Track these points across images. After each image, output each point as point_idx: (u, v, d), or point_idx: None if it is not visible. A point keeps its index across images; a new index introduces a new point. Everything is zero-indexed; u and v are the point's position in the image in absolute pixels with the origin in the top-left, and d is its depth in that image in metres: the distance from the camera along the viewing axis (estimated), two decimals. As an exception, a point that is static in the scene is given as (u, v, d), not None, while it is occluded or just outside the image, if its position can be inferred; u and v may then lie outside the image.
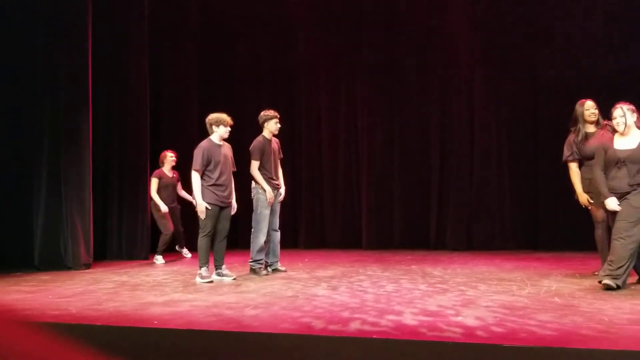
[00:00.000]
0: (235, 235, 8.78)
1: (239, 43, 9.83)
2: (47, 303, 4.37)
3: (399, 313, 3.75)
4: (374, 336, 3.11)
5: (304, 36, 9.59)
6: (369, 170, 9.21)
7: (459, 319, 3.55)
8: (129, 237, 7.91)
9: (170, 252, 8.02)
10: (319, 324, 3.42)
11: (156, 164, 7.97)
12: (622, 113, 4.75)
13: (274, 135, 6.28)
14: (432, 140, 9.00)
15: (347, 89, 9.49)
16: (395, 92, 9.24)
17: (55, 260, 6.70)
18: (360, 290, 4.79)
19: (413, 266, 6.54)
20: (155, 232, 7.97)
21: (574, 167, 5.47)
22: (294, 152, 9.71)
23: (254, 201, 6.10)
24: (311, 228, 9.53)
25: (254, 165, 6.05)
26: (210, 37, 9.64)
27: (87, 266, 6.76)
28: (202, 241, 5.58)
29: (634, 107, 4.82)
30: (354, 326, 3.37)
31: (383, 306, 4.03)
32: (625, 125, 4.73)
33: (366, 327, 3.34)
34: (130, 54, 7.92)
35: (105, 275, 6.14)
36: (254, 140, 6.19)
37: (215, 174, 5.62)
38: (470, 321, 3.47)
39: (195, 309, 3.98)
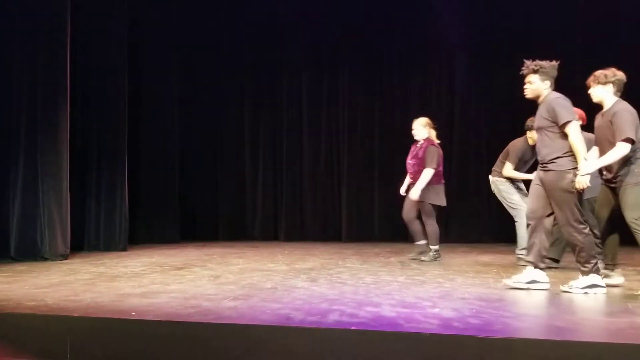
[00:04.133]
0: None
1: (221, 36, 9.78)
2: (23, 294, 4.31)
3: (377, 305, 3.78)
4: (352, 327, 3.13)
5: (286, 30, 9.57)
6: (350, 163, 9.25)
7: (436, 310, 3.59)
8: (107, 228, 7.84)
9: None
10: (297, 316, 3.43)
11: (135, 153, 7.92)
12: None
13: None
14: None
15: (329, 83, 9.50)
16: (377, 86, 9.28)
17: (32, 251, 6.60)
18: (339, 282, 4.82)
19: (392, 258, 6.59)
20: (134, 222, 7.93)
21: None
22: (275, 145, 9.71)
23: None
24: (291, 220, 9.54)
25: None
26: (192, 32, 9.56)
27: (64, 257, 6.68)
28: None
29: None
30: (333, 317, 3.39)
31: (362, 298, 4.06)
32: None
33: (345, 319, 3.36)
34: (110, 47, 7.85)
35: (83, 266, 6.07)
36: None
37: None
38: (447, 313, 3.51)
39: (173, 301, 3.96)
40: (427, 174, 6.17)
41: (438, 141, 6.45)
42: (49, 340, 3.40)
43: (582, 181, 4.01)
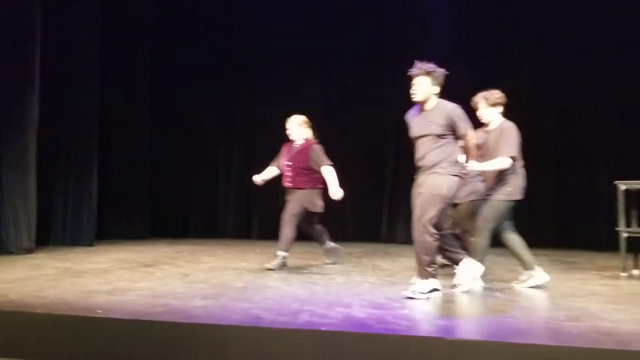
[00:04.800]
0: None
1: (194, 33, 9.70)
2: (-14, 289, 4.21)
3: (348, 305, 3.79)
4: (323, 328, 3.13)
5: (260, 28, 9.55)
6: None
7: (406, 311, 3.62)
8: (74, 222, 7.71)
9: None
10: (268, 316, 3.42)
11: (106, 149, 7.82)
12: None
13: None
14: (387, 135, 9.11)
15: (301, 81, 9.48)
16: (351, 85, 9.30)
17: (-4, 244, 6.47)
18: (311, 282, 4.82)
19: (363, 259, 6.62)
20: (102, 217, 7.82)
21: None
22: (248, 143, 9.67)
23: None
24: (264, 219, 9.51)
25: None
26: (165, 29, 9.46)
27: (29, 251, 6.57)
28: None
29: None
30: (303, 318, 3.38)
31: (332, 298, 4.07)
32: None
33: (315, 319, 3.36)
34: (79, 42, 7.72)
35: (48, 261, 5.96)
36: None
37: None
38: (417, 314, 3.54)
39: (141, 299, 3.91)
40: (330, 170, 5.68)
41: (316, 140, 5.94)
42: (13, 338, 3.33)
43: (471, 166, 4.26)
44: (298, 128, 5.89)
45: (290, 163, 5.80)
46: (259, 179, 6.01)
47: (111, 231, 8.66)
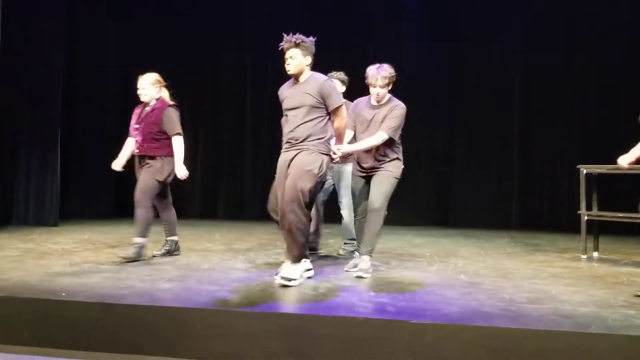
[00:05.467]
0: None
1: (163, 15, 9.50)
2: (-56, 271, 4.11)
3: (315, 288, 3.81)
4: (288, 311, 3.15)
5: (229, 14, 9.42)
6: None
7: (371, 294, 3.66)
8: (37, 201, 7.56)
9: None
10: (235, 299, 3.42)
11: (70, 127, 7.65)
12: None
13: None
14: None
15: (273, 66, 9.38)
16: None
17: (-46, 224, 6.32)
18: (278, 264, 4.82)
19: (330, 240, 6.65)
20: (66, 196, 7.66)
21: None
22: (216, 123, 9.58)
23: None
24: (231, 199, 9.47)
25: None
26: (132, 8, 9.24)
27: (-10, 231, 6.41)
28: None
29: None
30: (269, 301, 3.39)
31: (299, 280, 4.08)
32: None
33: (281, 302, 3.37)
34: (44, 17, 7.50)
35: (10, 242, 5.84)
36: None
37: None
38: (380, 297, 3.59)
39: (106, 281, 3.87)
40: (180, 141, 4.95)
41: (173, 102, 5.14)
42: (-28, 321, 3.26)
43: (344, 149, 4.18)
44: (150, 87, 5.06)
45: (138, 126, 5.00)
46: (117, 165, 5.20)
47: (74, 210, 8.52)
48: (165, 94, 5.16)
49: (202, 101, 9.68)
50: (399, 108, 4.47)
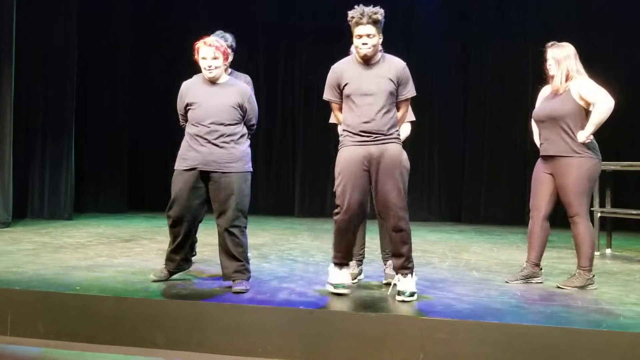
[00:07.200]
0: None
1: (175, 7, 9.52)
2: (-38, 264, 4.18)
3: (326, 283, 3.82)
4: (301, 307, 3.17)
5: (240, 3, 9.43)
6: (305, 138, 9.28)
7: (382, 290, 3.67)
8: (52, 195, 7.64)
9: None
10: (247, 294, 3.45)
11: (84, 121, 7.72)
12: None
13: None
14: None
15: (285, 58, 9.41)
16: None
17: (-29, 217, 6.40)
18: (290, 259, 4.85)
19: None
20: (81, 190, 7.73)
21: None
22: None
23: None
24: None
25: None
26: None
27: (6, 224, 6.50)
28: None
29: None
30: (282, 296, 3.42)
31: (311, 276, 4.11)
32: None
33: (294, 297, 3.40)
34: (58, 15, 7.56)
35: (25, 235, 5.91)
36: None
37: None
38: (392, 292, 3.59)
39: (120, 275, 3.91)
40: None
41: None
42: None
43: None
44: None
45: None
46: None
47: (89, 204, 8.60)
48: None
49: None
50: None
